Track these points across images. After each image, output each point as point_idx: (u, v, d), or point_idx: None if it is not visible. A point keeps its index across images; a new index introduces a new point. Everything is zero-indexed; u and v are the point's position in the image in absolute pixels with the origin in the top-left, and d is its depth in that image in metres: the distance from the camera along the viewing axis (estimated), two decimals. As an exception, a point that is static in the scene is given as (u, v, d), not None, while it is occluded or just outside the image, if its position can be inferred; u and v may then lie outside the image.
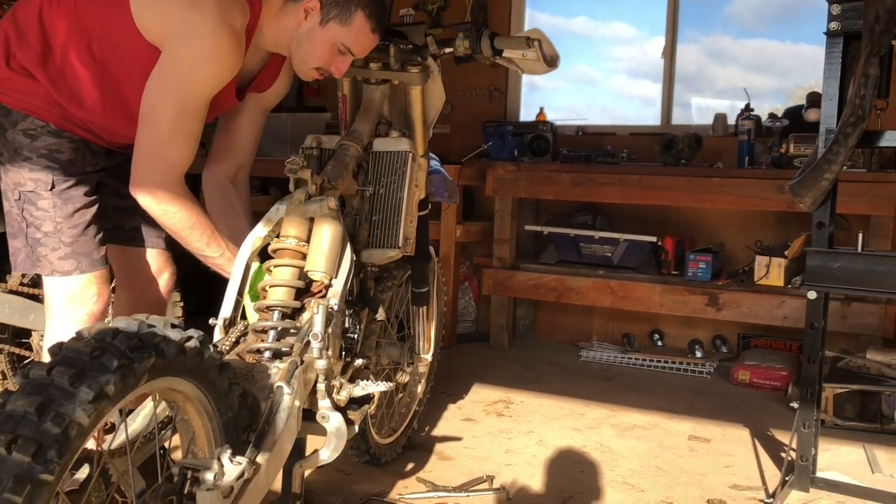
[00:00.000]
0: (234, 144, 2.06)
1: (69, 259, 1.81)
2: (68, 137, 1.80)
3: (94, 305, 1.85)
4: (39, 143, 1.78)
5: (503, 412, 3.10)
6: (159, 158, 1.75)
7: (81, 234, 1.82)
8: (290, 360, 1.55)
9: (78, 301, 1.82)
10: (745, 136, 3.71)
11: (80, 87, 1.77)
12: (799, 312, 3.31)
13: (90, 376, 1.05)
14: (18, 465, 0.96)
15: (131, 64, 1.76)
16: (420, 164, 2.19)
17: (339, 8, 1.86)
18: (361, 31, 1.90)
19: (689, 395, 3.43)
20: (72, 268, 1.81)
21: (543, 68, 1.99)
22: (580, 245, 4.05)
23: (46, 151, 1.78)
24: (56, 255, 1.80)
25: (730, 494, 2.38)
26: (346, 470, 2.42)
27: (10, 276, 2.45)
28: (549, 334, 4.44)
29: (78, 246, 1.81)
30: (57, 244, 1.80)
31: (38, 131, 1.78)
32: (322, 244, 1.75)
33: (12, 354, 2.54)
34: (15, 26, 1.78)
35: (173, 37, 1.72)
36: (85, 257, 1.82)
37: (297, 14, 1.87)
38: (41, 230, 1.80)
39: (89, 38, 1.74)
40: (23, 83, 1.77)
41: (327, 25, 1.87)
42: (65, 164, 1.80)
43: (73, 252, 1.81)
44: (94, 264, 1.84)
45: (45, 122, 1.78)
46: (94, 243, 1.85)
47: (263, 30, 1.88)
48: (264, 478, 1.39)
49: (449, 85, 2.26)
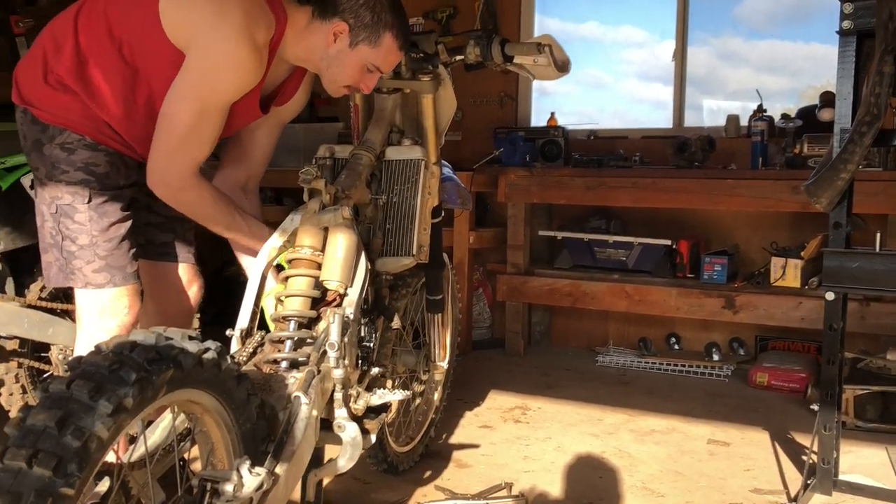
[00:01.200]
0: (249, 154, 2.08)
1: (103, 272, 1.83)
2: (104, 150, 1.82)
3: (126, 318, 1.87)
4: (76, 157, 1.80)
5: (520, 419, 3.09)
6: (174, 159, 1.79)
7: (116, 248, 1.84)
8: (307, 370, 1.55)
9: (110, 313, 1.84)
10: (758, 138, 3.69)
11: (114, 93, 1.79)
12: (817, 314, 3.28)
13: (109, 390, 1.05)
14: (39, 480, 0.96)
15: (160, 68, 1.79)
16: (433, 171, 2.19)
17: (369, 30, 1.88)
18: (390, 51, 1.92)
19: (707, 398, 3.41)
20: (105, 281, 1.83)
21: (555, 73, 2.00)
22: (594, 249, 4.04)
23: (83, 165, 1.80)
24: (90, 268, 1.82)
25: (751, 498, 2.36)
26: (365, 479, 2.42)
27: (28, 290, 2.47)
28: (564, 340, 4.43)
29: (112, 259, 1.83)
30: (92, 257, 1.82)
31: (75, 145, 1.80)
32: (337, 253, 1.75)
33: (32, 368, 2.55)
34: (53, 39, 1.81)
35: (197, 43, 1.74)
36: (118, 271, 1.84)
37: (325, 34, 1.88)
38: (77, 243, 1.82)
39: (119, 43, 1.76)
40: (59, 98, 1.79)
41: (357, 48, 1.89)
42: (101, 177, 1.82)
43: (107, 265, 1.83)
44: (127, 278, 1.86)
45: (81, 136, 1.80)
46: (128, 257, 1.87)
47: (288, 44, 1.89)
48: (283, 488, 1.39)
49: (459, 92, 2.27)
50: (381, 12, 1.88)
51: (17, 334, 2.44)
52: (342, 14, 1.87)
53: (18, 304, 2.42)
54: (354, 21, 1.87)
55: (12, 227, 2.43)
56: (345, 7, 1.87)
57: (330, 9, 1.88)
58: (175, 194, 1.84)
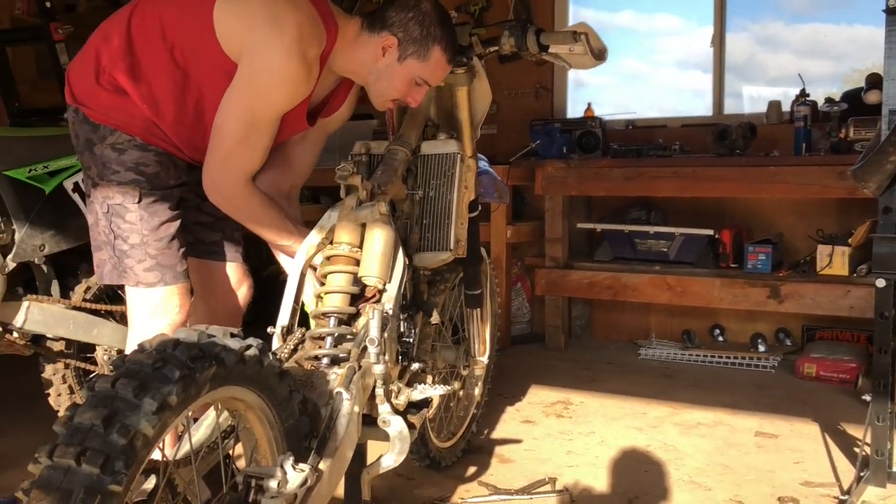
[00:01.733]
0: (293, 163, 2.08)
1: (154, 271, 1.85)
2: (153, 151, 1.85)
3: (177, 316, 1.89)
4: (127, 157, 1.83)
5: (562, 413, 3.06)
6: (226, 168, 1.82)
7: (166, 247, 1.87)
8: (347, 366, 1.55)
9: (161, 312, 1.87)
10: (801, 123, 3.61)
11: (164, 95, 1.81)
12: (866, 302, 3.21)
13: (153, 387, 1.06)
14: (88, 477, 0.97)
15: (211, 74, 1.80)
16: (469, 165, 2.17)
17: (418, 44, 1.88)
18: (439, 65, 1.92)
19: (754, 390, 3.35)
20: (156, 280, 1.86)
21: (591, 62, 1.97)
22: (635, 241, 3.98)
23: (133, 165, 1.83)
24: (142, 267, 1.85)
25: (801, 491, 2.31)
26: (408, 475, 2.42)
27: (73, 292, 2.51)
28: (605, 333, 4.38)
29: (163, 258, 1.86)
30: (143, 256, 1.85)
31: (126, 145, 1.83)
32: (374, 249, 1.75)
33: (78, 369, 2.60)
34: (105, 40, 1.83)
35: (249, 55, 1.75)
36: (169, 270, 1.87)
37: (374, 48, 1.88)
38: (128, 242, 1.85)
39: (172, 46, 1.78)
40: (111, 99, 1.81)
41: (405, 62, 1.89)
42: (150, 177, 1.84)
43: (157, 264, 1.86)
44: (178, 277, 1.89)
45: (131, 136, 1.83)
46: (178, 256, 1.90)
47: (338, 55, 1.89)
48: (327, 484, 1.39)
49: (494, 85, 2.25)
50: (430, 26, 1.87)
51: (63, 336, 2.47)
52: (391, 28, 1.87)
53: (64, 306, 2.46)
54: (403, 35, 1.87)
55: (56, 230, 2.46)
56: (394, 21, 1.87)
57: (378, 22, 1.88)
58: (227, 201, 1.87)
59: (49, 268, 2.51)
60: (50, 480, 0.98)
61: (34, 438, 1.03)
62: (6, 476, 2.40)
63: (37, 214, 2.42)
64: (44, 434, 1.02)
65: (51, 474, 0.98)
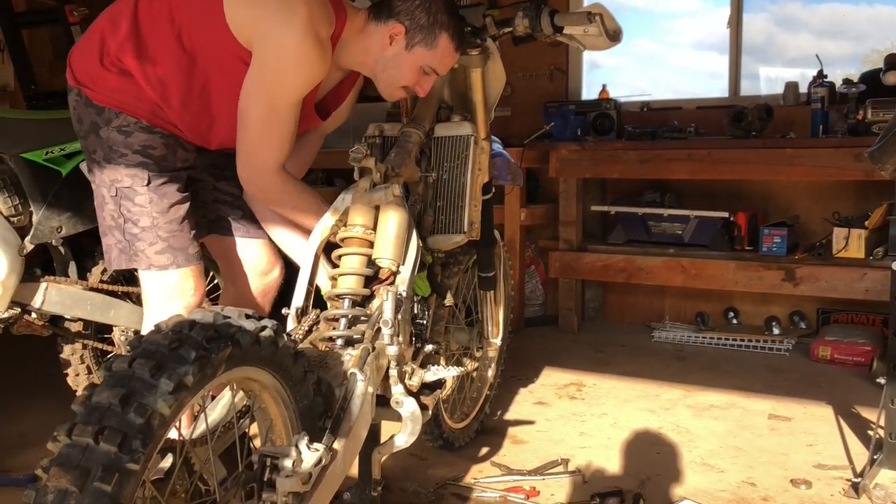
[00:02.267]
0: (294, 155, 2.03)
1: (166, 253, 1.85)
2: (160, 133, 1.84)
3: (192, 298, 1.90)
4: (133, 140, 1.82)
5: (575, 395, 3.07)
6: (253, 158, 1.82)
7: (177, 229, 1.86)
8: (361, 348, 1.56)
9: (177, 295, 1.87)
10: (818, 105, 3.57)
11: (169, 79, 1.80)
12: (882, 285, 3.19)
13: (170, 368, 1.07)
14: (106, 455, 0.99)
15: (219, 59, 1.79)
16: (482, 147, 2.17)
17: (425, 32, 1.87)
18: (446, 52, 1.91)
19: (767, 373, 3.34)
20: (168, 262, 1.86)
21: (606, 43, 1.95)
22: (649, 224, 3.97)
23: (140, 148, 1.83)
24: (153, 250, 1.85)
25: (814, 474, 2.31)
26: (421, 455, 2.44)
27: (90, 273, 2.54)
28: (619, 316, 4.38)
29: (174, 240, 1.86)
30: (154, 239, 1.85)
31: (131, 128, 1.82)
32: (388, 231, 1.75)
33: (96, 349, 2.63)
34: (112, 22, 1.82)
35: (262, 40, 1.75)
36: (181, 252, 1.87)
37: (381, 37, 1.88)
38: (138, 225, 1.84)
39: (179, 30, 1.77)
40: (115, 80, 1.80)
41: (413, 50, 1.88)
42: (158, 159, 1.84)
43: (168, 247, 1.85)
44: (190, 259, 1.89)
45: (137, 119, 1.82)
46: (189, 238, 1.89)
47: (345, 46, 1.88)
48: (341, 464, 1.41)
49: (508, 67, 2.24)
50: (437, 13, 1.87)
51: (80, 316, 2.50)
52: (398, 16, 1.86)
53: (81, 287, 2.49)
54: (410, 23, 1.86)
55: (73, 212, 2.48)
56: (400, 9, 1.86)
57: (385, 11, 1.87)
58: (263, 192, 1.88)
59: (66, 249, 2.53)
60: (69, 458, 0.99)
61: (53, 418, 1.04)
62: (26, 454, 2.44)
63: (54, 196, 2.44)
64: (62, 413, 1.03)
65: (69, 452, 1.00)
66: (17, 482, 2.22)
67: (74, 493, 0.97)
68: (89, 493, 0.97)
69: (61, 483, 0.97)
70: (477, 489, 2.22)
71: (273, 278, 2.14)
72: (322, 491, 1.33)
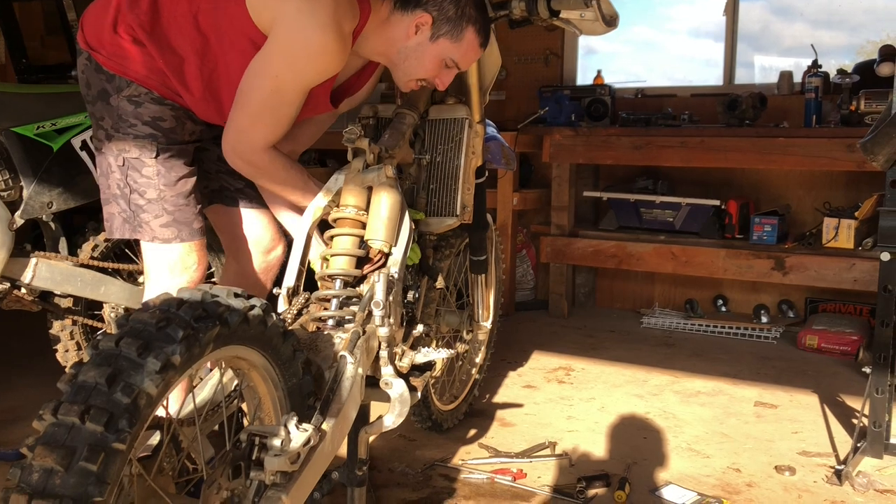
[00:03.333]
0: (297, 133, 2.03)
1: (171, 227, 1.85)
2: (170, 105, 1.83)
3: (195, 273, 1.90)
4: (143, 111, 1.81)
5: (564, 379, 3.09)
6: (245, 136, 1.79)
7: (184, 203, 1.86)
8: (352, 330, 1.56)
9: (179, 269, 1.88)
10: (812, 94, 3.57)
11: (180, 58, 1.78)
12: (870, 275, 3.21)
13: (157, 347, 1.07)
14: (92, 435, 0.98)
15: (234, 43, 1.77)
16: (477, 130, 2.17)
17: (451, 24, 1.84)
18: (471, 47, 1.89)
19: (755, 360, 3.37)
20: (172, 236, 1.86)
21: (602, 28, 1.94)
22: (641, 210, 3.98)
23: (150, 119, 1.81)
24: (158, 223, 1.84)
25: (798, 461, 2.34)
26: (410, 436, 2.45)
27: (80, 250, 2.53)
28: (609, 301, 4.40)
29: (179, 214, 1.86)
30: (160, 211, 1.84)
31: (142, 98, 1.80)
32: (381, 213, 1.75)
33: (86, 325, 2.62)
34: None
35: (282, 24, 1.71)
36: (185, 226, 1.87)
37: (406, 25, 1.84)
38: (144, 197, 1.83)
39: (197, 10, 1.75)
40: (126, 48, 1.77)
41: (437, 41, 1.86)
42: (167, 132, 1.83)
43: (174, 220, 1.85)
44: (194, 233, 1.88)
45: (148, 90, 1.80)
46: (195, 213, 1.89)
47: (367, 37, 1.85)
48: (330, 444, 1.41)
49: (504, 50, 2.23)
50: (466, 6, 1.84)
51: (70, 292, 2.49)
52: (425, 6, 1.83)
53: (71, 263, 2.48)
54: (438, 13, 1.83)
55: (64, 187, 2.47)
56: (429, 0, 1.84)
57: (413, 1, 1.84)
58: (247, 164, 1.84)
59: (57, 225, 2.52)
60: (54, 437, 0.99)
61: (41, 393, 1.05)
62: (14, 430, 2.45)
63: (45, 172, 2.43)
64: (51, 390, 1.04)
65: (55, 431, 0.99)
66: (5, 457, 2.23)
67: (60, 473, 0.96)
68: (75, 473, 0.96)
69: (46, 462, 0.97)
70: (464, 471, 2.24)
71: (275, 256, 2.14)
72: (310, 471, 1.34)
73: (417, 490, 2.13)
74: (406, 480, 2.19)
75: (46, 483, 0.96)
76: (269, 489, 1.28)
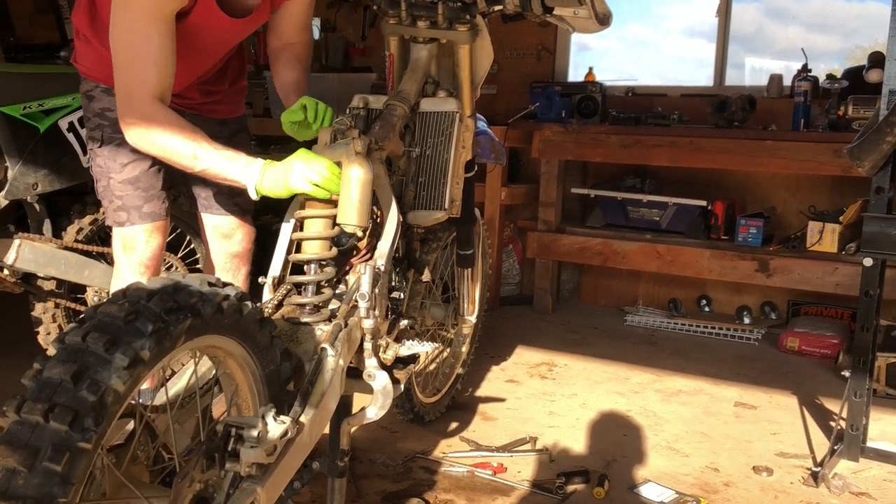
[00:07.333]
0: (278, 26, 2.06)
1: (121, 211, 1.97)
2: None
3: (145, 252, 1.99)
4: (95, 104, 1.94)
5: (546, 375, 3.10)
6: (125, 89, 1.71)
7: (130, 189, 1.95)
8: (334, 323, 1.55)
9: (129, 248, 1.99)
10: (801, 98, 3.59)
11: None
12: (852, 280, 3.23)
13: (125, 342, 1.03)
14: (56, 434, 0.95)
15: None
16: (467, 124, 2.16)
17: None
18: None
19: (736, 361, 3.39)
20: (123, 219, 1.97)
21: (595, 26, 1.94)
22: (628, 209, 3.99)
23: (99, 111, 1.93)
24: (112, 207, 1.97)
25: (776, 462, 2.36)
26: (392, 428, 2.45)
27: (65, 232, 2.51)
28: (593, 298, 4.41)
29: (127, 199, 1.96)
30: (112, 197, 1.97)
31: (94, 91, 1.94)
32: (351, 195, 1.66)
33: (68, 308, 2.61)
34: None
35: None
36: (135, 210, 1.96)
37: None
38: (100, 185, 1.99)
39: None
40: (82, 49, 1.93)
41: None
42: (113, 121, 1.87)
43: (123, 205, 1.96)
44: (144, 217, 1.97)
45: (97, 83, 1.93)
46: (144, 197, 1.97)
47: None
48: (308, 436, 1.41)
49: (496, 45, 2.22)
50: None
51: (54, 275, 2.48)
52: None
53: (55, 245, 2.46)
54: None
55: (50, 169, 2.45)
56: None
57: None
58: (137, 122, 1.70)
59: (42, 207, 2.50)
60: (17, 436, 0.95)
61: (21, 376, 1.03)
62: (-7, 411, 2.43)
63: (30, 153, 2.41)
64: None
65: (18, 430, 0.96)
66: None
67: (23, 473, 0.93)
68: (38, 473, 0.93)
69: (9, 462, 0.93)
70: (445, 463, 2.25)
71: (237, 241, 2.21)
72: (287, 463, 1.33)
73: (398, 482, 2.14)
74: (387, 472, 2.19)
75: (9, 484, 0.93)
76: (244, 481, 1.27)
